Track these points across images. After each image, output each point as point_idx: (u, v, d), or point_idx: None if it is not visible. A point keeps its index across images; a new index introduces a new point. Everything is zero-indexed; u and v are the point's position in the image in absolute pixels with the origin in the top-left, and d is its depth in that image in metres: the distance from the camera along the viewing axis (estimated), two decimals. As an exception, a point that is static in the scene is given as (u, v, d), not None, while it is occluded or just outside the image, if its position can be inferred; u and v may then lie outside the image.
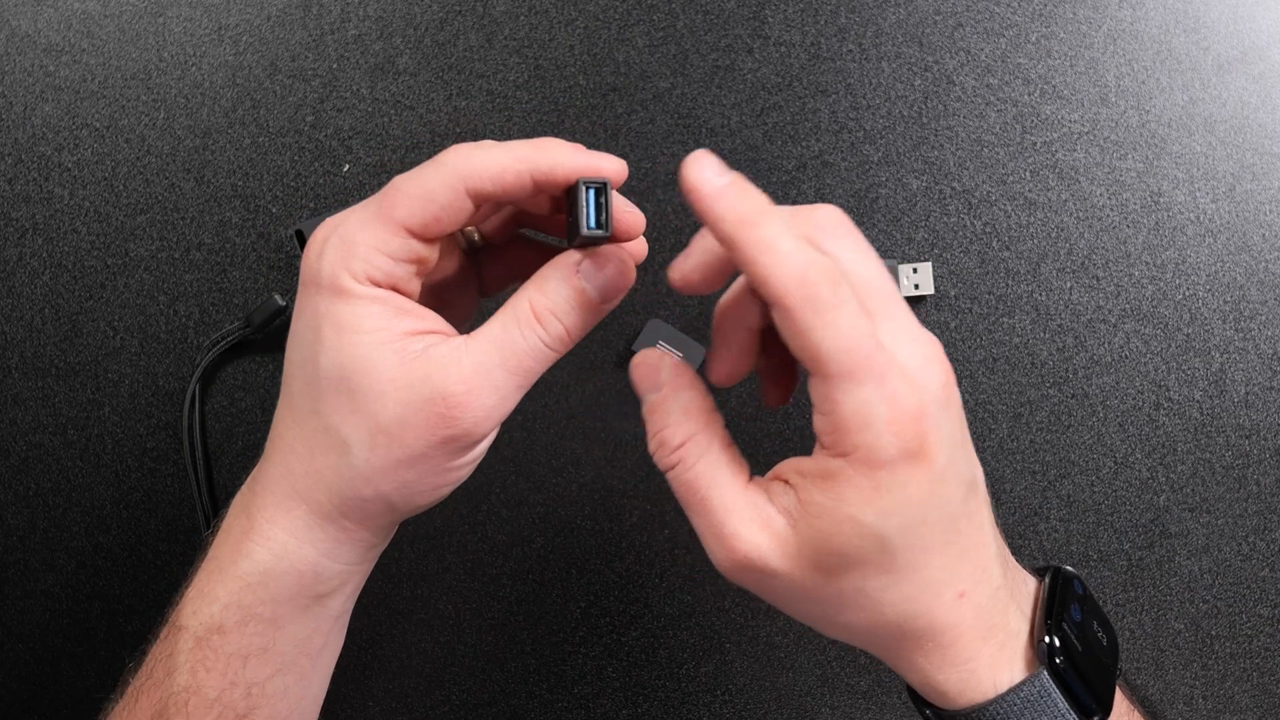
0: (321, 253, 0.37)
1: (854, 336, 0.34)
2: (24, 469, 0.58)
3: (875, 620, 0.37)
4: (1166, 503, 0.57)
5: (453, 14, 0.59)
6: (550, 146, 0.37)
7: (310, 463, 0.38)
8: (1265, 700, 0.56)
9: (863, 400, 0.34)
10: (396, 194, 0.36)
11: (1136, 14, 0.59)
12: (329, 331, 0.36)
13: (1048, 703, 0.38)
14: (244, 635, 0.38)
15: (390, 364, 0.36)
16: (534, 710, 0.56)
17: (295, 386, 0.38)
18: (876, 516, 0.35)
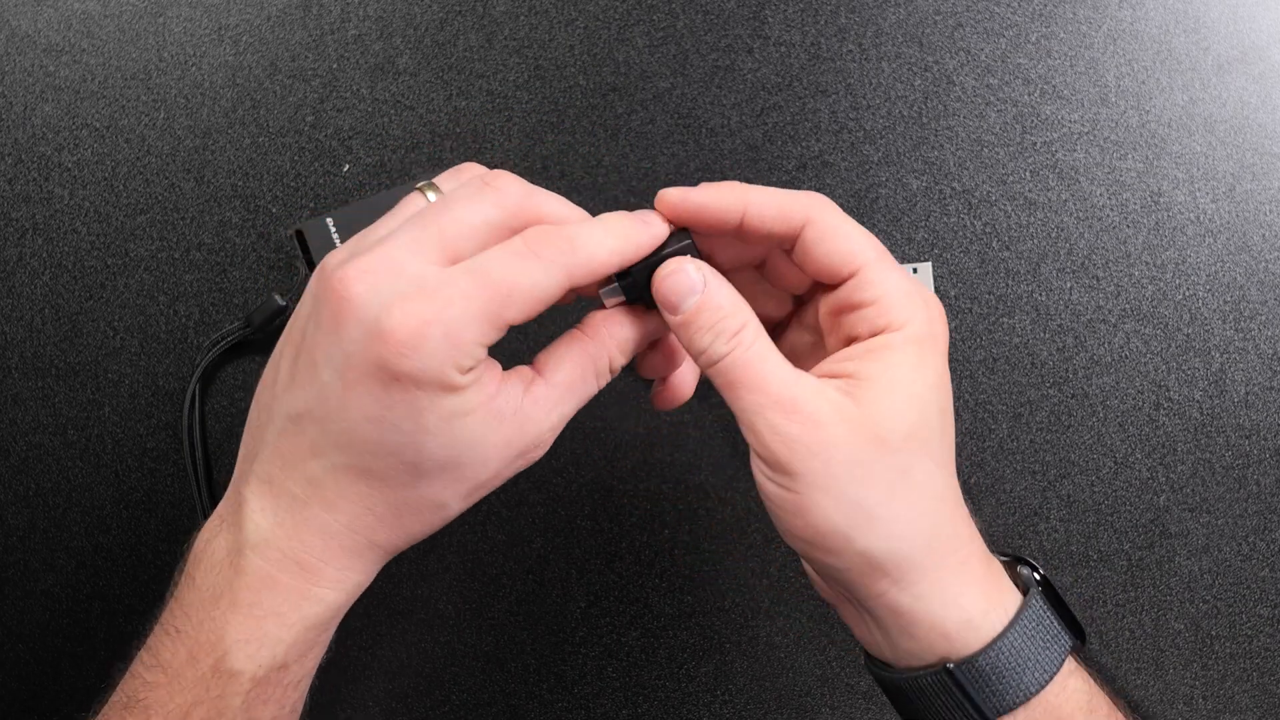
0: (424, 348, 0.35)
1: (869, 237, 0.40)
2: (24, 469, 0.58)
3: (919, 507, 0.39)
4: (1166, 503, 0.57)
5: (453, 14, 0.59)
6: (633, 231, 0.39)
7: (398, 521, 0.39)
8: (1265, 700, 0.56)
9: (900, 281, 0.39)
10: (509, 294, 0.36)
11: (1136, 14, 0.59)
12: (435, 421, 0.36)
13: (1049, 620, 0.41)
14: (305, 663, 0.40)
15: (494, 433, 0.37)
16: (534, 710, 0.56)
17: (381, 464, 0.37)
18: (923, 387, 0.39)
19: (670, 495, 0.57)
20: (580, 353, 0.40)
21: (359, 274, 0.36)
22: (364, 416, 0.36)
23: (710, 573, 0.57)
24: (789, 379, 0.38)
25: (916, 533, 0.39)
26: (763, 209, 0.39)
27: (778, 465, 0.38)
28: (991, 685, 0.39)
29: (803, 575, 0.57)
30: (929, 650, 0.40)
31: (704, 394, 0.58)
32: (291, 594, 0.38)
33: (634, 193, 0.59)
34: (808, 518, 0.38)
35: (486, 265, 0.36)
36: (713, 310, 0.39)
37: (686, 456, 0.57)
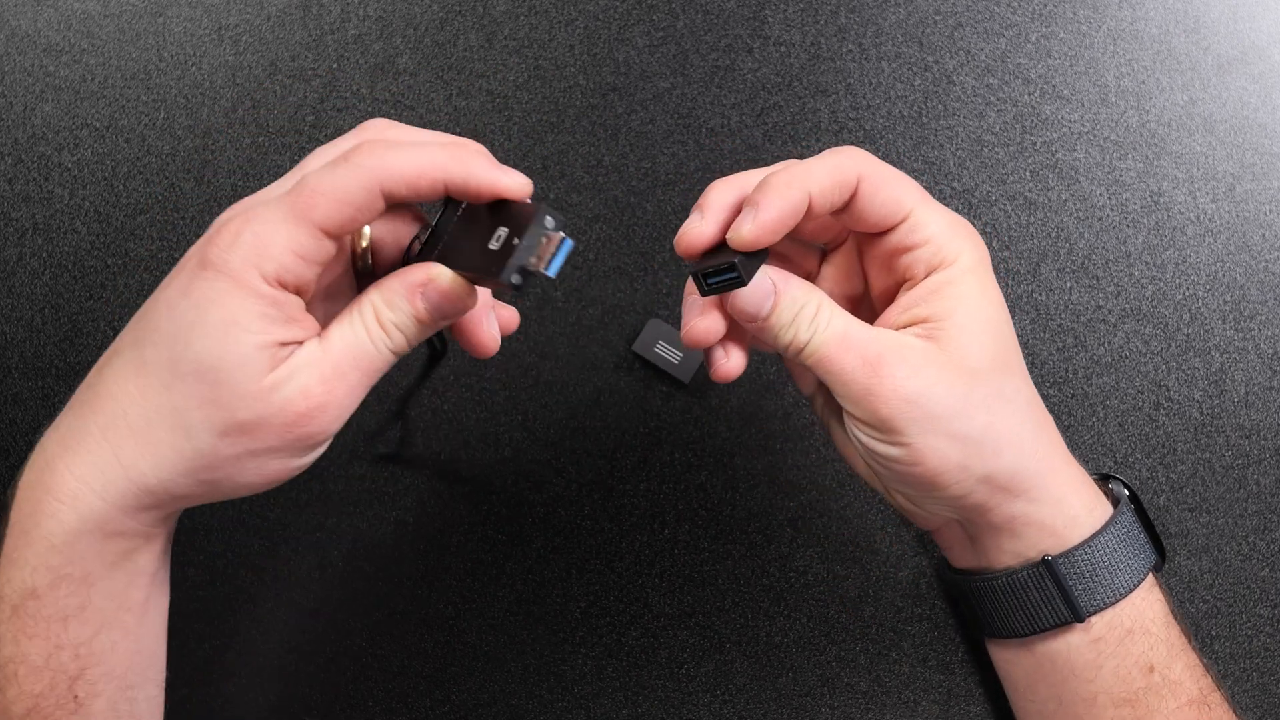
0: (234, 243, 0.36)
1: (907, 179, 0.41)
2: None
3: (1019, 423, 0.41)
4: (1166, 503, 0.57)
5: (453, 14, 0.59)
6: (468, 158, 0.38)
7: (146, 435, 0.37)
8: (1265, 700, 0.56)
9: (944, 216, 0.41)
10: (314, 194, 0.36)
11: (1136, 14, 0.59)
12: (215, 319, 0.36)
13: (1137, 531, 0.45)
14: (58, 597, 0.38)
15: (262, 368, 0.36)
16: (534, 710, 0.56)
17: (151, 355, 0.37)
18: (991, 308, 0.41)
19: (670, 495, 0.57)
20: (347, 312, 0.39)
21: (229, 210, 0.39)
22: (164, 304, 0.37)
23: (710, 573, 0.57)
24: (870, 340, 0.40)
25: (1023, 444, 0.42)
26: (823, 189, 0.40)
27: (882, 425, 0.40)
28: (1085, 581, 0.43)
29: (803, 575, 0.57)
30: (1033, 548, 0.43)
31: (704, 394, 0.58)
32: (34, 509, 0.38)
33: (634, 193, 0.59)
34: (925, 464, 0.40)
35: (305, 177, 0.37)
36: (789, 308, 0.41)
37: (686, 456, 0.57)
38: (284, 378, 0.37)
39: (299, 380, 0.37)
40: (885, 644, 0.56)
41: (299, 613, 0.56)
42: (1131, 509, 0.45)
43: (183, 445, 0.37)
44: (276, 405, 0.37)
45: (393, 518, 0.57)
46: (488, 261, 0.37)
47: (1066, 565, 0.43)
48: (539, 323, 0.58)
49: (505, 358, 0.58)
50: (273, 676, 0.56)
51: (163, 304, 0.38)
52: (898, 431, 0.40)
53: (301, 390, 0.37)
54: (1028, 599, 0.44)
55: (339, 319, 0.39)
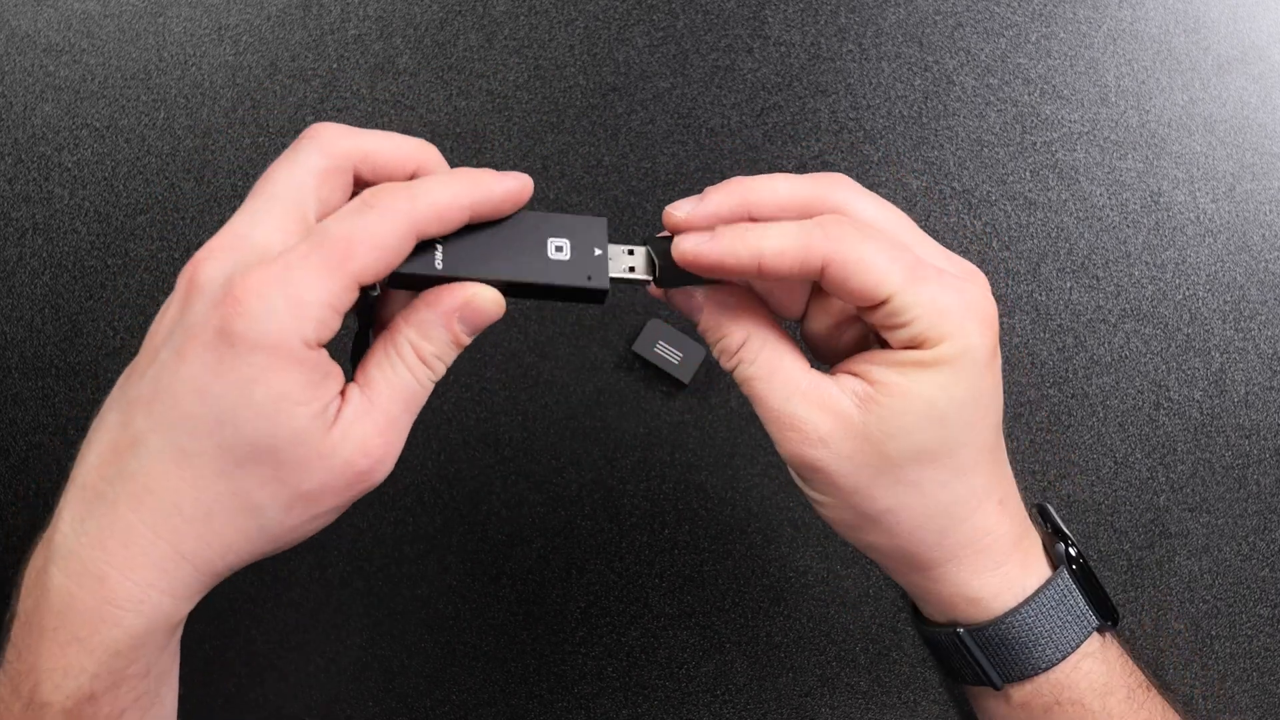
0: (267, 311, 0.33)
1: (897, 251, 0.38)
2: (24, 469, 0.58)
3: (924, 516, 0.39)
4: (1166, 503, 0.57)
5: (453, 14, 0.59)
6: (481, 180, 0.37)
7: (207, 526, 0.35)
8: (1265, 700, 0.56)
9: (937, 296, 0.38)
10: (351, 245, 0.34)
11: (1136, 14, 0.59)
12: (262, 398, 0.34)
13: (1071, 601, 0.42)
14: (118, 696, 0.37)
15: (319, 436, 0.35)
16: (534, 710, 0.56)
17: (193, 445, 0.35)
18: (948, 404, 0.38)
19: (670, 495, 0.57)
20: (383, 351, 0.37)
21: (206, 254, 0.35)
22: (192, 388, 0.34)
23: (710, 573, 0.57)
24: (792, 394, 0.39)
25: (924, 537, 0.40)
26: (778, 261, 0.38)
27: (792, 466, 0.40)
28: (999, 654, 0.42)
29: (803, 575, 0.57)
30: (942, 615, 0.43)
31: (704, 394, 0.58)
32: (90, 615, 0.35)
33: (634, 192, 0.59)
34: (826, 512, 0.41)
35: (326, 225, 0.35)
36: (712, 332, 0.40)
37: (686, 456, 0.57)
38: (340, 438, 0.35)
39: (355, 436, 0.36)
40: (885, 644, 0.56)
41: (299, 613, 0.56)
42: (1069, 578, 0.42)
43: (249, 527, 0.36)
44: (339, 469, 0.36)
45: (393, 518, 0.57)
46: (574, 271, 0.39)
47: (979, 637, 0.42)
48: (539, 323, 0.58)
49: (505, 357, 0.58)
50: (273, 676, 0.56)
51: (188, 386, 0.34)
52: (805, 481, 0.40)
53: (361, 448, 0.36)
54: (951, 657, 0.43)
55: (375, 359, 0.37)
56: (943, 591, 0.42)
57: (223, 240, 0.36)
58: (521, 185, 0.38)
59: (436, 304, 0.37)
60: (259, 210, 0.36)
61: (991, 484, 0.41)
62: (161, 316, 0.37)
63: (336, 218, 0.35)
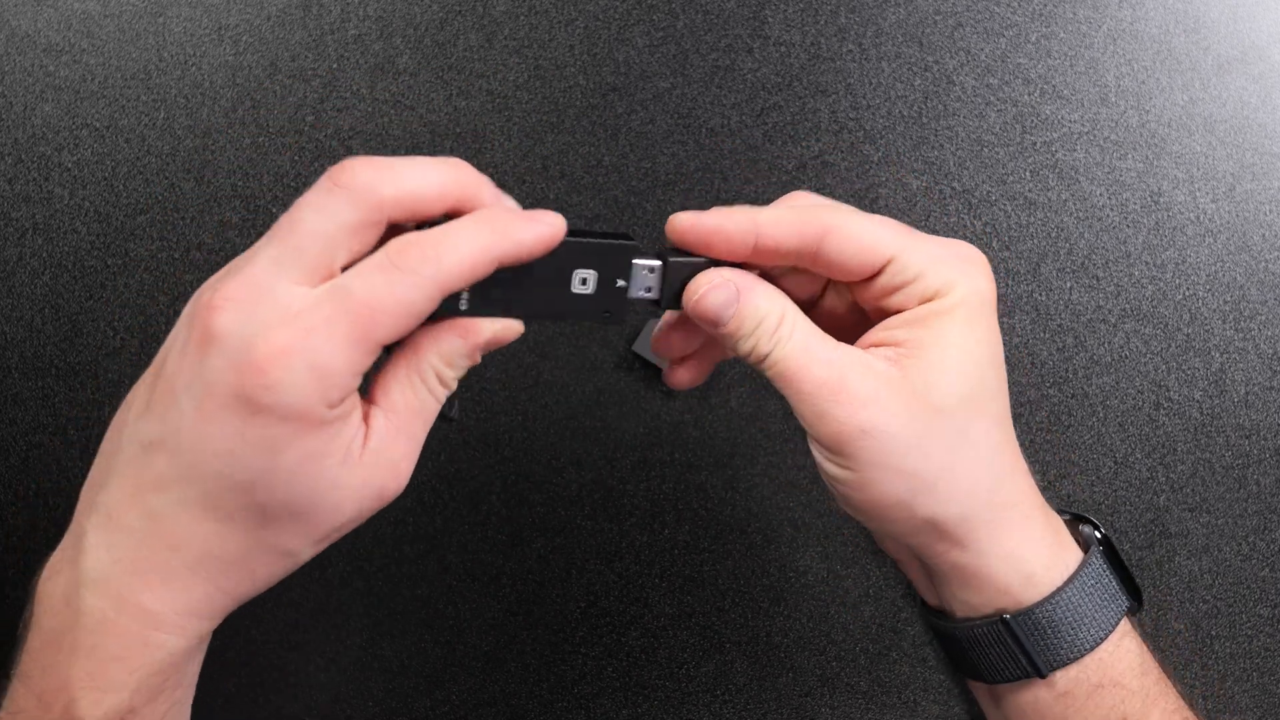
0: (287, 383, 0.33)
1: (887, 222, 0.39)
2: (24, 469, 0.58)
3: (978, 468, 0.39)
4: (1166, 503, 0.57)
5: (453, 14, 0.59)
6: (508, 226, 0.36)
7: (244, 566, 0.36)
8: (1265, 700, 0.56)
9: (935, 250, 0.39)
10: (375, 314, 0.33)
11: (1136, 14, 0.59)
12: (292, 462, 0.34)
13: (1107, 579, 0.42)
14: (155, 707, 0.37)
15: (349, 475, 0.35)
16: (534, 710, 0.56)
17: (226, 502, 0.35)
18: (977, 345, 0.39)
19: (670, 495, 0.57)
20: (406, 375, 0.37)
21: (223, 302, 0.34)
22: (216, 450, 0.34)
23: (710, 573, 0.57)
24: (833, 360, 0.38)
25: (977, 493, 0.39)
26: (776, 231, 0.39)
27: (833, 448, 0.38)
28: (1046, 639, 0.41)
29: (803, 575, 0.57)
30: (989, 603, 0.41)
31: (704, 394, 0.58)
32: (132, 638, 0.36)
33: (634, 193, 0.59)
34: (869, 493, 0.39)
35: (350, 285, 0.34)
36: (751, 317, 0.39)
37: (686, 456, 0.57)
38: (370, 467, 0.36)
39: (384, 461, 0.36)
40: (885, 644, 0.56)
41: (299, 613, 0.56)
42: (1101, 556, 0.43)
43: (285, 564, 0.37)
44: (371, 496, 0.36)
45: (393, 518, 0.57)
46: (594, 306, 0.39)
47: (1025, 624, 0.41)
48: (539, 323, 0.58)
49: (505, 357, 0.58)
50: (273, 676, 0.56)
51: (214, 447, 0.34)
52: (850, 457, 0.38)
53: (390, 472, 0.36)
54: (988, 652, 0.42)
55: (396, 380, 0.37)
56: (991, 568, 0.40)
57: (241, 289, 0.34)
58: (552, 232, 0.37)
59: (467, 336, 0.37)
60: (283, 260, 0.35)
61: (1015, 442, 0.41)
62: (171, 347, 0.36)
63: (361, 276, 0.34)
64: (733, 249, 0.39)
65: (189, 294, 0.58)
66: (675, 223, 0.39)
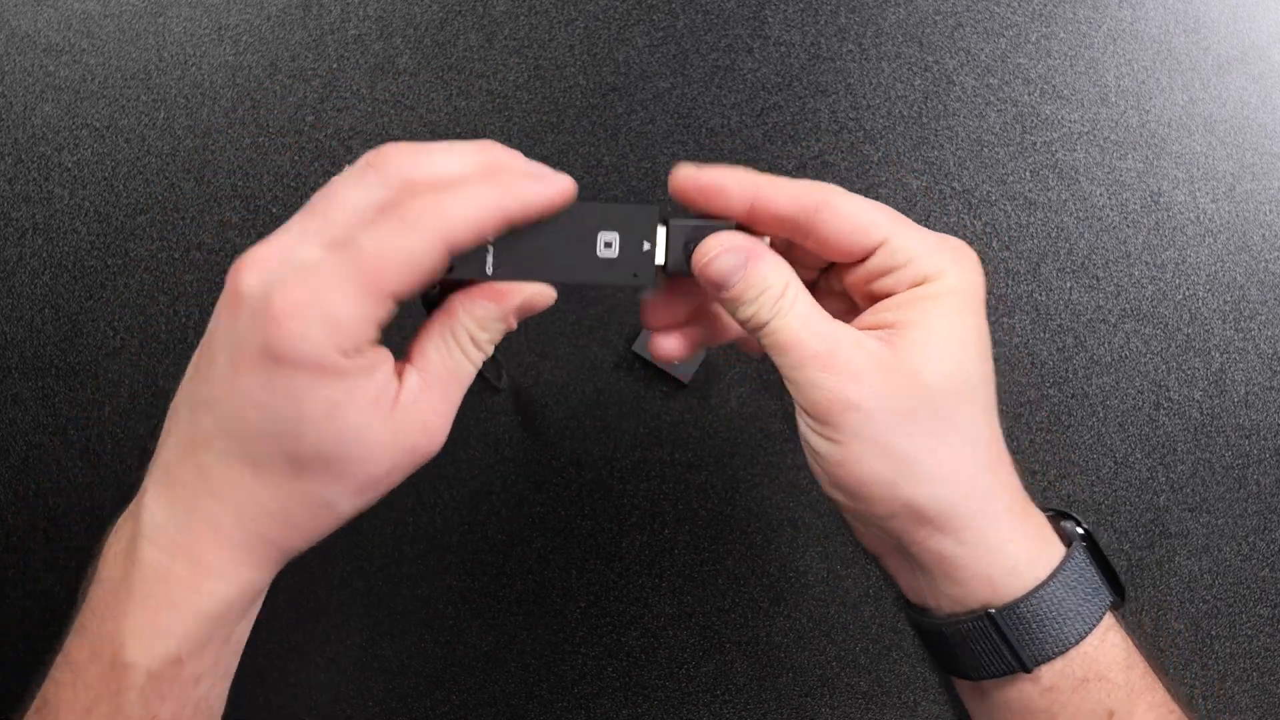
0: (303, 332, 0.35)
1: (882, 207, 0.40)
2: (24, 469, 0.58)
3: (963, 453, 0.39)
4: (1166, 503, 0.57)
5: (453, 14, 0.59)
6: (516, 186, 0.37)
7: (286, 518, 0.38)
8: (1265, 700, 0.56)
9: (926, 237, 0.40)
10: (382, 264, 0.35)
11: (1136, 14, 0.59)
12: (316, 410, 0.35)
13: (1091, 573, 0.42)
14: (201, 660, 0.38)
15: (378, 425, 0.37)
16: (534, 710, 0.56)
17: (261, 452, 0.37)
18: (966, 331, 0.39)
19: (670, 495, 0.57)
20: (440, 335, 0.39)
21: (250, 263, 0.36)
22: (250, 402, 0.36)
23: (710, 573, 0.57)
24: (827, 333, 0.39)
25: (961, 479, 0.39)
26: (774, 194, 0.39)
27: (820, 418, 0.39)
28: (1032, 633, 0.40)
29: (803, 575, 0.57)
30: (972, 596, 0.41)
31: (704, 394, 0.58)
32: (183, 586, 0.38)
33: (634, 193, 0.59)
34: (851, 468, 0.39)
35: (359, 241, 0.36)
36: (757, 285, 0.39)
37: (686, 456, 0.57)
38: (402, 421, 0.37)
39: (416, 417, 0.37)
40: (885, 644, 0.56)
41: (299, 613, 0.56)
42: (1084, 551, 0.42)
43: (323, 515, 0.38)
44: (404, 450, 0.37)
45: (393, 518, 0.57)
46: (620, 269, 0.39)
47: (1010, 618, 0.40)
48: (539, 323, 0.58)
49: (505, 358, 0.58)
50: (273, 676, 0.56)
51: (247, 399, 0.36)
52: (834, 427, 0.39)
53: (422, 428, 0.38)
54: (974, 648, 0.41)
55: (430, 341, 0.39)
56: (976, 560, 0.40)
57: (269, 252, 0.37)
58: (558, 191, 0.38)
59: (499, 300, 0.39)
60: (310, 230, 0.37)
61: (1000, 435, 0.41)
62: (217, 315, 0.38)
63: (369, 231, 0.36)
64: (729, 207, 0.40)
65: (189, 294, 0.58)
66: (678, 174, 0.40)
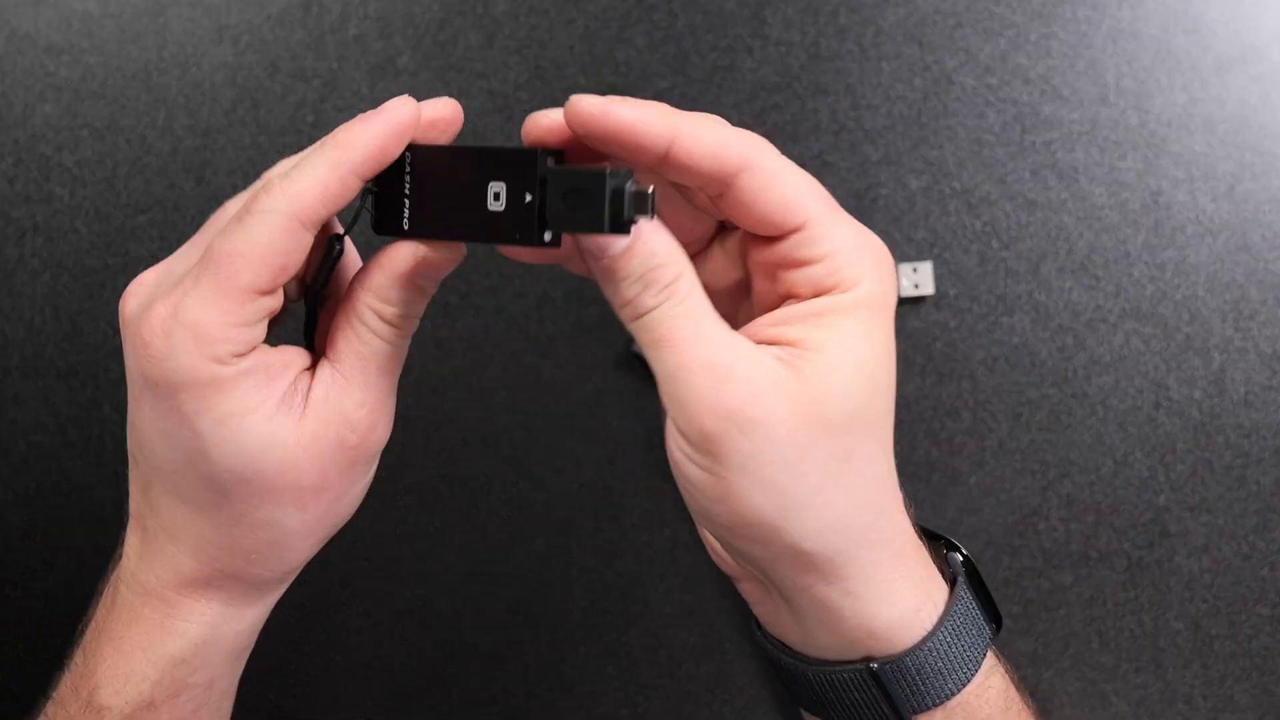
0: (169, 350, 0.33)
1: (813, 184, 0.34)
2: (24, 469, 0.58)
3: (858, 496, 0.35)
4: (1166, 502, 0.57)
5: (453, 14, 0.59)
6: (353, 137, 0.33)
7: (234, 549, 0.36)
8: (1265, 700, 0.56)
9: (850, 233, 0.34)
10: (232, 259, 0.33)
11: (1136, 14, 0.59)
12: (211, 427, 0.33)
13: (975, 613, 0.39)
14: (176, 705, 0.37)
15: (289, 430, 0.34)
16: (534, 710, 0.56)
17: (184, 485, 0.35)
18: (873, 356, 0.34)
19: (670, 495, 0.57)
20: (344, 320, 0.36)
21: (132, 290, 0.35)
22: (154, 434, 0.34)
23: (710, 573, 0.57)
24: (723, 342, 0.33)
25: (852, 523, 0.35)
26: (694, 143, 0.33)
27: (701, 442, 0.33)
28: (914, 686, 0.37)
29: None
30: (851, 647, 0.37)
31: (704, 394, 0.58)
32: (153, 627, 0.36)
33: (634, 193, 0.59)
34: (731, 504, 0.34)
35: (212, 243, 0.33)
36: (644, 258, 0.33)
37: (686, 456, 0.57)
38: (318, 422, 0.35)
39: (335, 414, 0.35)
40: (885, 644, 0.56)
41: (299, 613, 0.56)
42: (967, 589, 0.39)
43: (274, 537, 0.36)
44: (330, 451, 0.35)
45: (392, 518, 0.57)
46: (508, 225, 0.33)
47: (892, 672, 0.36)
48: (539, 323, 0.58)
49: (505, 357, 0.58)
50: (273, 676, 0.56)
51: (151, 432, 0.34)
52: (716, 457, 0.33)
53: (345, 423, 0.35)
54: (845, 696, 0.38)
55: (341, 332, 0.36)
56: (860, 610, 0.36)
57: (150, 275, 0.36)
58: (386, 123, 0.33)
59: (389, 266, 0.35)
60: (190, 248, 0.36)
61: (894, 469, 0.37)
62: None
63: (223, 232, 0.34)
64: (640, 153, 0.33)
65: (189, 294, 0.58)
66: (577, 107, 0.33)
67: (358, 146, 0.33)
